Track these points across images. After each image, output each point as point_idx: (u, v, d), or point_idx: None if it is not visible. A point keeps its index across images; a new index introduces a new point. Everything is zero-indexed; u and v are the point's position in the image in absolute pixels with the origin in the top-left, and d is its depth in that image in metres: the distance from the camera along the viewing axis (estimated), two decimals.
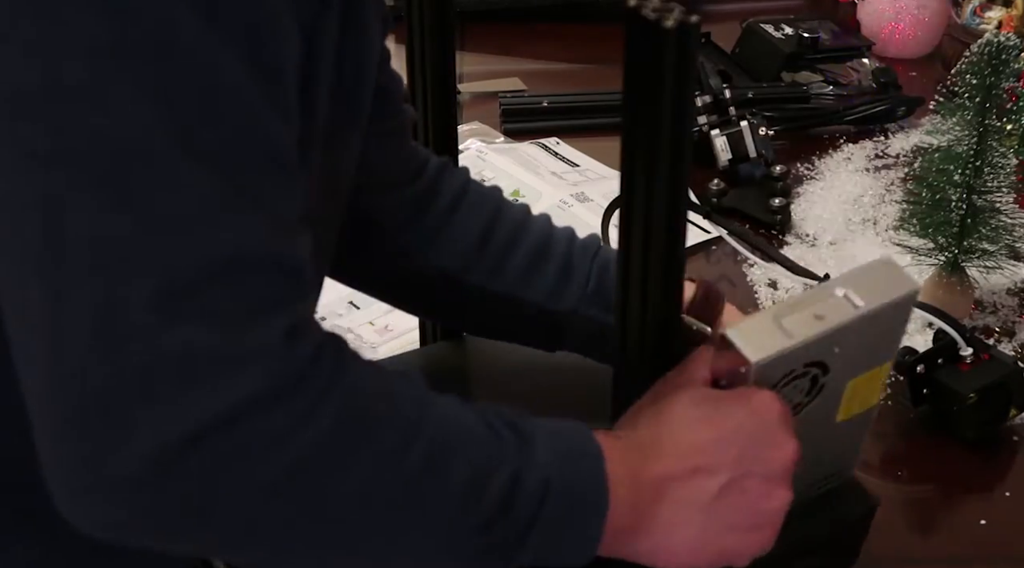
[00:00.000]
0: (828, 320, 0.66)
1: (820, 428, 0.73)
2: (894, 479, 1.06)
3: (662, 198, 0.65)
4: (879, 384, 0.74)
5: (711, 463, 0.65)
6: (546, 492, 0.62)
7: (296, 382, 0.55)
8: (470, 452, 0.61)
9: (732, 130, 1.50)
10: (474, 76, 1.77)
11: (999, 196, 1.20)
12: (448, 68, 0.97)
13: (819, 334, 0.66)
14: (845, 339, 0.67)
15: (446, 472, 0.60)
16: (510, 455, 0.62)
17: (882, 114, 1.66)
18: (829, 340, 0.67)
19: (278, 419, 0.54)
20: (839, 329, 0.66)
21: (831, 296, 0.67)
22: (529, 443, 0.63)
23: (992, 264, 1.23)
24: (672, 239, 0.66)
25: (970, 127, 1.18)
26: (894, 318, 0.70)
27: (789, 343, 0.65)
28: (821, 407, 0.71)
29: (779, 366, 0.66)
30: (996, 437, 1.10)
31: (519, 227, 0.91)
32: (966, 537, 1.01)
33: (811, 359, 0.67)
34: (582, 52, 1.82)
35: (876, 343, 0.71)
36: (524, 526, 0.62)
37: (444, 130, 0.97)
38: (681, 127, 0.63)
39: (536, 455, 0.62)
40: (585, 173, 1.53)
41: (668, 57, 0.61)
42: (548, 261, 0.90)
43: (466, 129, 1.61)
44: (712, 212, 1.34)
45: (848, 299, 0.67)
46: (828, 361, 0.68)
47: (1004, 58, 1.15)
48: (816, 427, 0.72)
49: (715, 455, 0.65)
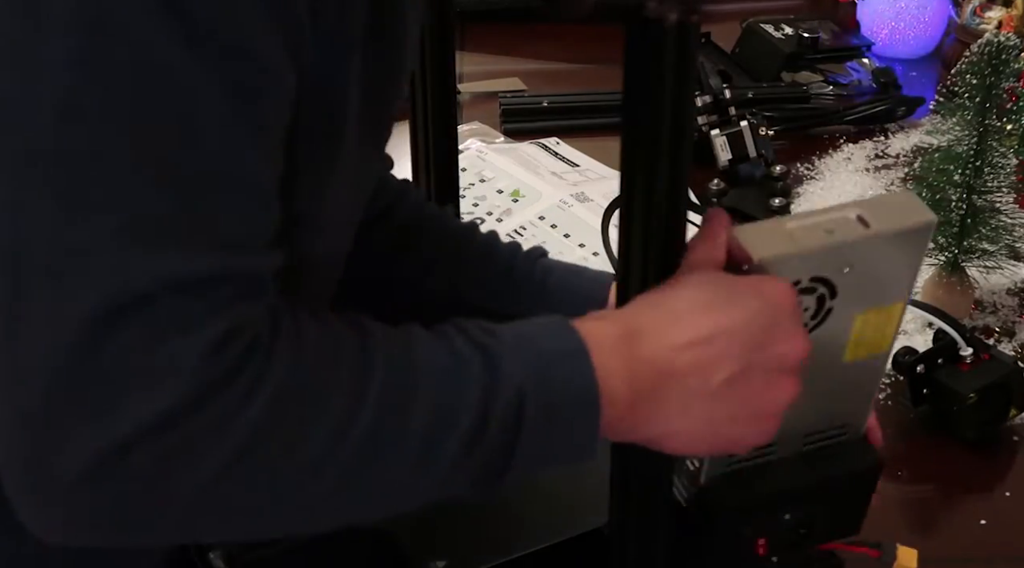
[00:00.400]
0: (837, 235, 0.66)
1: (827, 366, 0.72)
2: (894, 479, 1.06)
3: (662, 198, 0.65)
4: (890, 331, 0.73)
5: (717, 353, 0.63)
6: (521, 405, 0.60)
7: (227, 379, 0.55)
8: (429, 394, 0.60)
9: (732, 130, 1.50)
10: (474, 76, 1.77)
11: (999, 196, 1.21)
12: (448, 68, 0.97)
13: (827, 245, 0.65)
14: (854, 259, 0.66)
15: (402, 424, 0.59)
16: (475, 380, 0.60)
17: (882, 114, 1.66)
18: (837, 255, 0.66)
19: (211, 416, 0.55)
20: (848, 245, 0.66)
21: (844, 215, 0.66)
22: (497, 358, 0.61)
23: (992, 264, 1.23)
24: (672, 239, 0.67)
25: (970, 127, 1.18)
26: (907, 250, 0.69)
27: (795, 248, 0.65)
28: (828, 340, 0.70)
29: (783, 269, 0.65)
30: (996, 437, 1.10)
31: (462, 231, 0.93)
32: (966, 537, 1.01)
33: (817, 273, 0.66)
34: (582, 52, 1.82)
35: (887, 275, 0.69)
36: (505, 444, 0.60)
37: (444, 130, 0.97)
38: (681, 127, 0.63)
39: (505, 369, 0.60)
40: (585, 173, 1.53)
41: (668, 57, 0.61)
42: (493, 260, 0.91)
43: (466, 129, 1.61)
44: None
45: (861, 220, 0.67)
46: (835, 280, 0.67)
47: (1004, 58, 1.15)
48: (823, 364, 0.71)
49: (722, 344, 0.63)
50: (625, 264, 0.69)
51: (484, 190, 1.45)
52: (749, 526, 0.75)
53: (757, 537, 0.76)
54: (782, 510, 0.76)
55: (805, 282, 0.67)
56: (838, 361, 0.73)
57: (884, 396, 1.15)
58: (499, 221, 1.39)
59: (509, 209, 1.41)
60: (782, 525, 0.76)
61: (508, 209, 1.41)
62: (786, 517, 0.76)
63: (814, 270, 0.66)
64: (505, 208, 1.41)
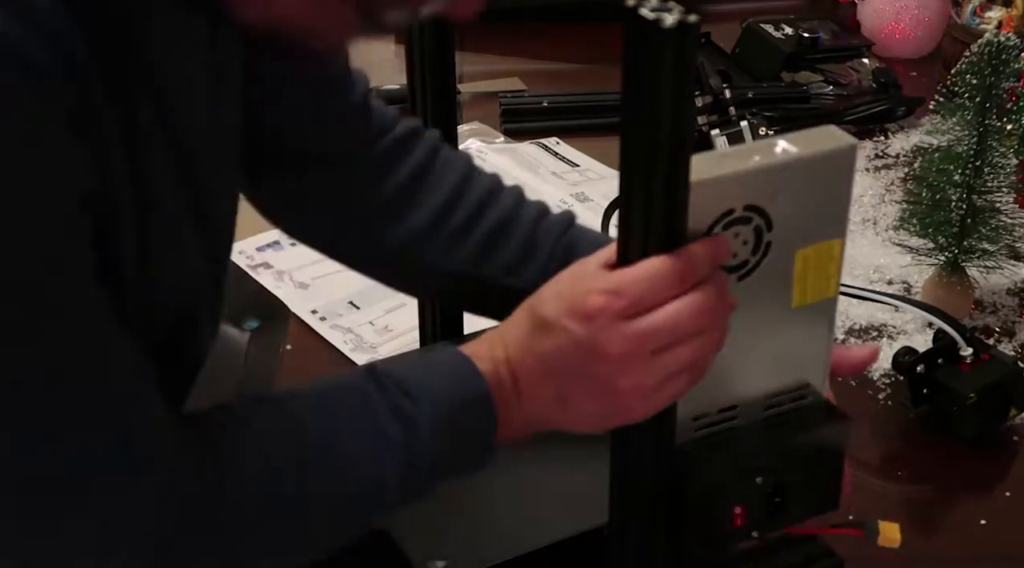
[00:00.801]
0: (763, 159, 0.69)
1: (776, 313, 0.74)
2: (894, 479, 1.06)
3: (662, 198, 0.65)
4: (833, 271, 0.75)
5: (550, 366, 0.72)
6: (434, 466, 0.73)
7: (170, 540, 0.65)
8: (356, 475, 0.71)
9: (732, 130, 1.50)
10: (474, 76, 1.77)
11: (999, 196, 1.21)
12: (448, 68, 0.97)
13: (753, 168, 0.69)
14: (784, 185, 0.70)
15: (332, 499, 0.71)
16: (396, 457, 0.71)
17: (882, 114, 1.66)
18: (765, 179, 0.69)
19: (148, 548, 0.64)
20: (774, 168, 0.69)
21: (769, 145, 0.70)
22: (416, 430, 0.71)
23: (992, 264, 1.23)
24: (672, 239, 0.67)
25: (970, 127, 1.18)
26: (832, 176, 0.72)
27: (724, 171, 0.68)
28: (772, 281, 0.73)
29: (714, 194, 0.68)
30: (996, 437, 1.10)
31: (482, 203, 0.93)
32: (966, 537, 1.01)
33: (749, 201, 0.69)
34: (582, 52, 1.82)
35: (820, 205, 0.72)
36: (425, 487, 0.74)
37: (444, 130, 0.97)
38: (681, 127, 0.63)
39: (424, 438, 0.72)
40: (585, 173, 1.53)
41: (667, 57, 0.61)
42: (509, 237, 0.92)
43: (466, 129, 1.61)
44: None
45: (785, 149, 0.70)
46: (768, 209, 0.70)
47: (1004, 58, 1.15)
48: (771, 309, 0.74)
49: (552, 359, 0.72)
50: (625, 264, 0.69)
51: None
52: (722, 493, 0.75)
53: (732, 505, 0.75)
54: (752, 474, 0.76)
55: (739, 210, 0.69)
56: (786, 307, 0.75)
57: (884, 396, 1.15)
58: None
59: None
60: (755, 491, 0.76)
61: None
62: (758, 481, 0.76)
63: (746, 197, 0.69)
64: None
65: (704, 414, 0.75)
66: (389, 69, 1.72)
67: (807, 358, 0.78)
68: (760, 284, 0.72)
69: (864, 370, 0.83)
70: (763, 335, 0.74)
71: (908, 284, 1.31)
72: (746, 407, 0.77)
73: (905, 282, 1.31)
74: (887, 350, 1.19)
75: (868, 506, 0.97)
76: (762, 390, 0.77)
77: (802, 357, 0.78)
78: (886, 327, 1.24)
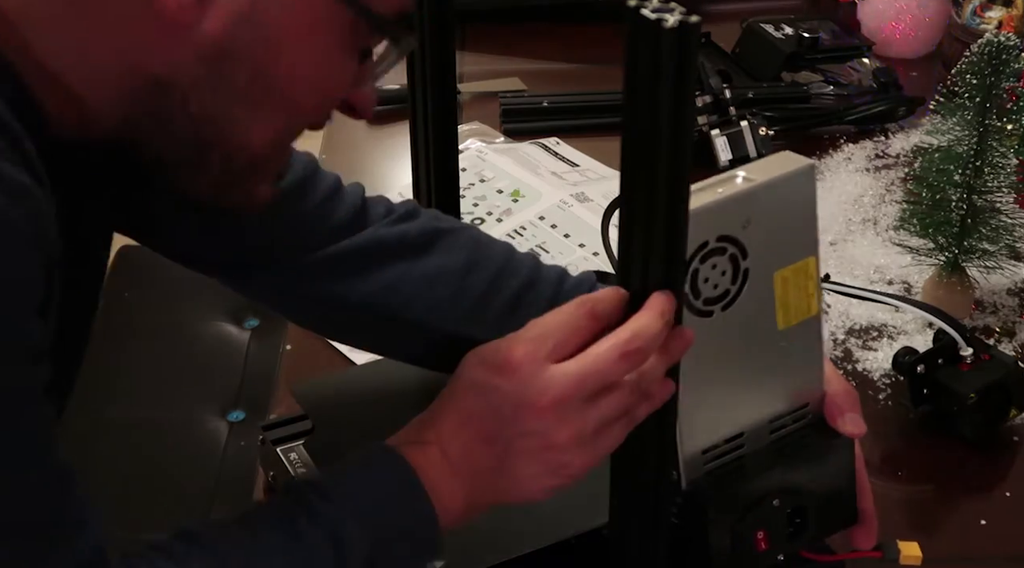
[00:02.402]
0: (726, 190, 0.71)
1: (765, 337, 0.76)
2: (894, 479, 1.06)
3: (662, 198, 0.65)
4: (812, 290, 0.77)
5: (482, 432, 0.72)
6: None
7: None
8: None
9: (732, 130, 1.49)
10: (474, 76, 1.77)
11: (999, 196, 1.20)
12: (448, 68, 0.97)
13: (718, 199, 0.70)
14: (751, 212, 0.72)
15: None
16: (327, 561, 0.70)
17: (882, 114, 1.66)
18: (732, 209, 0.71)
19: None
20: (738, 197, 0.71)
21: (730, 177, 0.72)
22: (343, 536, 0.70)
23: (992, 264, 1.23)
24: (672, 239, 0.67)
25: (970, 127, 1.18)
26: (796, 196, 0.74)
27: (692, 206, 0.68)
28: (756, 306, 0.74)
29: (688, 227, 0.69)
30: (996, 437, 1.10)
31: (500, 271, 0.91)
32: (966, 537, 1.01)
33: (721, 232, 0.71)
34: (582, 52, 1.82)
35: (789, 227, 0.74)
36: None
37: (444, 130, 0.97)
38: (681, 127, 0.63)
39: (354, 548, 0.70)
40: (585, 173, 1.53)
41: (668, 57, 0.61)
42: (533, 305, 0.90)
43: (466, 129, 1.60)
44: None
45: (746, 177, 0.72)
46: (740, 238, 0.72)
47: (1004, 58, 1.15)
48: (760, 334, 0.75)
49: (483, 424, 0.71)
50: (625, 264, 0.69)
51: (484, 190, 1.45)
52: (742, 521, 0.76)
53: (754, 531, 0.76)
54: (769, 497, 0.77)
55: (713, 242, 0.71)
56: (774, 330, 0.76)
57: (884, 396, 1.15)
58: (499, 221, 1.39)
59: (509, 209, 1.41)
60: (774, 513, 0.77)
61: (508, 209, 1.41)
62: (775, 504, 0.77)
63: (716, 228, 0.71)
64: (505, 208, 1.41)
65: (713, 446, 0.76)
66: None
67: (802, 376, 0.79)
68: (744, 311, 0.74)
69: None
70: (756, 360, 0.76)
71: (908, 284, 1.31)
72: (752, 433, 0.78)
73: (905, 282, 1.31)
74: (887, 350, 1.19)
75: None
76: (765, 415, 0.79)
77: (797, 376, 0.79)
78: (886, 327, 1.24)
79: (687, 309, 0.72)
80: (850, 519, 0.83)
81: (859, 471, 0.84)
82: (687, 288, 0.71)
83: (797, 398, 0.80)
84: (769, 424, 0.79)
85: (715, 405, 0.75)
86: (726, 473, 0.77)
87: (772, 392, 0.78)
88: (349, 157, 1.56)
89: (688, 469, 0.75)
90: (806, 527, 0.79)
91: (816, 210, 0.76)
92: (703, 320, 0.73)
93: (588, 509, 0.81)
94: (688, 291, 0.72)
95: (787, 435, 0.80)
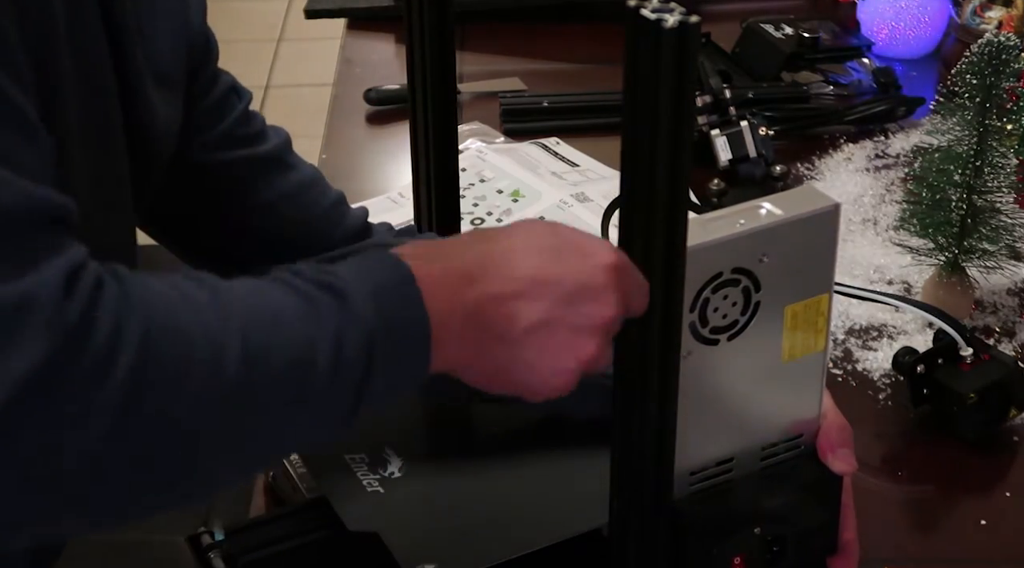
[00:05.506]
0: (748, 224, 0.70)
1: (767, 367, 0.75)
2: (894, 479, 1.06)
3: (662, 198, 0.65)
4: (821, 325, 0.76)
5: (527, 302, 0.66)
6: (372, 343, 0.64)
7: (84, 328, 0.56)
8: (287, 333, 0.63)
9: (732, 130, 1.49)
10: (474, 76, 1.77)
11: (999, 196, 1.20)
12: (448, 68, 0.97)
13: (738, 233, 0.70)
14: (769, 247, 0.71)
15: (268, 363, 0.62)
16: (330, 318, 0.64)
17: (882, 114, 1.66)
18: (751, 243, 0.70)
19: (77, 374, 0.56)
20: (759, 232, 0.70)
21: (754, 208, 0.71)
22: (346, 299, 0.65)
23: (992, 264, 1.23)
24: (672, 239, 0.67)
25: (970, 127, 1.18)
26: (817, 235, 0.73)
27: (710, 238, 0.69)
28: (762, 338, 0.74)
29: (702, 260, 0.69)
30: (996, 437, 1.10)
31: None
32: (966, 537, 1.01)
33: (736, 264, 0.70)
34: (582, 52, 1.82)
35: (806, 264, 0.73)
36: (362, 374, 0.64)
37: (444, 130, 0.97)
38: (681, 127, 0.63)
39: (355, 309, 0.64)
40: (585, 173, 1.53)
41: (668, 57, 0.61)
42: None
43: (466, 129, 1.60)
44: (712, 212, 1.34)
45: (769, 211, 0.71)
46: (756, 271, 0.71)
47: (1004, 58, 1.15)
48: (763, 366, 0.75)
49: (533, 294, 0.66)
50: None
51: (484, 190, 1.45)
52: (720, 544, 0.76)
53: (732, 556, 0.76)
54: (751, 524, 0.77)
55: (727, 273, 0.70)
56: (777, 362, 0.75)
57: (884, 396, 1.15)
58: (499, 221, 1.39)
59: (509, 209, 1.41)
60: (754, 541, 0.77)
61: (508, 209, 1.41)
62: (756, 532, 0.77)
63: (733, 260, 0.70)
64: (505, 208, 1.42)
65: (701, 468, 0.76)
66: (389, 69, 1.72)
67: (800, 409, 0.79)
68: (750, 342, 0.73)
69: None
70: (756, 390, 0.75)
71: (908, 284, 1.31)
72: (742, 458, 0.78)
73: (905, 282, 1.31)
74: (887, 350, 1.19)
75: (868, 506, 0.96)
76: (757, 442, 0.78)
77: (795, 408, 0.79)
78: (886, 327, 1.24)
79: (692, 336, 0.72)
80: (830, 550, 0.83)
81: (846, 506, 0.84)
82: (695, 317, 0.71)
83: (792, 428, 0.79)
84: (761, 451, 0.78)
85: (708, 428, 0.75)
86: (711, 495, 0.77)
87: (767, 421, 0.78)
88: (349, 157, 1.56)
89: (675, 487, 0.75)
90: (784, 556, 0.79)
91: (836, 250, 0.75)
92: (707, 348, 0.73)
93: (588, 509, 0.81)
94: (696, 319, 0.71)
95: (778, 463, 0.79)
